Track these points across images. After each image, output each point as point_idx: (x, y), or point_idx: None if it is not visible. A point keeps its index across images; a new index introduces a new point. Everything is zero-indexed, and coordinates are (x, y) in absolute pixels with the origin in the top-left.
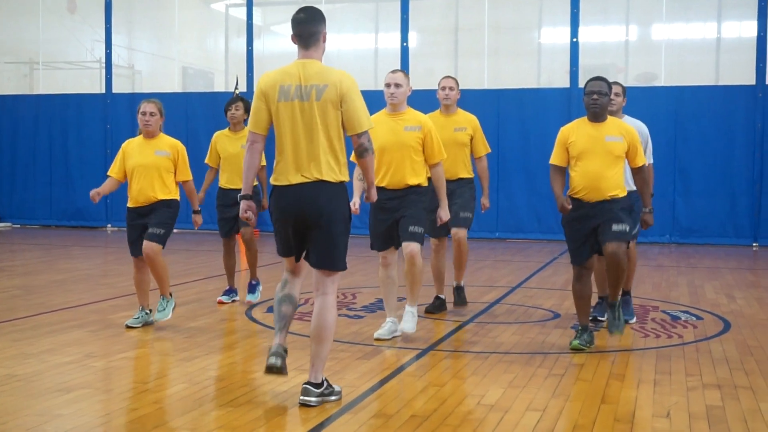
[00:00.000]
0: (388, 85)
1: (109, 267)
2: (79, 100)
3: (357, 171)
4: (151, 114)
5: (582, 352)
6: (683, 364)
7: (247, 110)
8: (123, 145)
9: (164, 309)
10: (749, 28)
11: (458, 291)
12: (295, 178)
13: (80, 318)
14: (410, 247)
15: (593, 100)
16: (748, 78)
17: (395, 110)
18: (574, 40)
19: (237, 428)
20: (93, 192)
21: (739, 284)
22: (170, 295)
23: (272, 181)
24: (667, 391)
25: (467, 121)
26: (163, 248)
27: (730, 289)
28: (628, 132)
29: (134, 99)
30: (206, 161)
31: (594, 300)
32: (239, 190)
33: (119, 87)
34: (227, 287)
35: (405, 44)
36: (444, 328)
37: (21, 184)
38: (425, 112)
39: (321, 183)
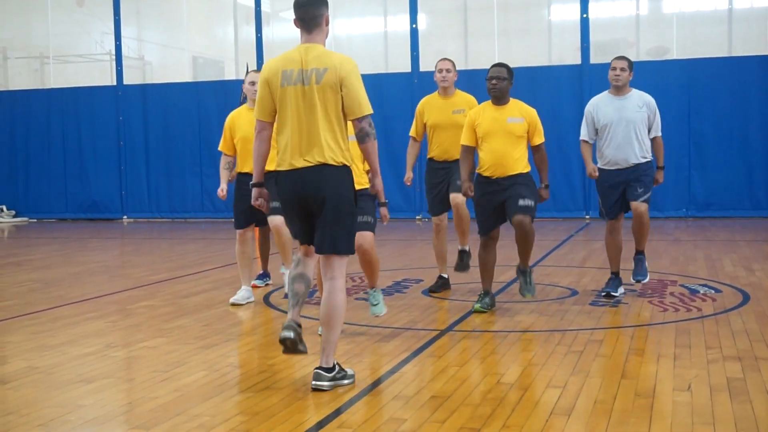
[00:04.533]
0: None
1: (126, 258)
2: (90, 92)
3: (223, 160)
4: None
5: (483, 313)
6: (703, 337)
7: None
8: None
9: (378, 303)
10: None
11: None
12: (298, 162)
13: (99, 309)
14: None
15: (492, 85)
16: (762, 48)
17: None
18: (584, 16)
19: (257, 414)
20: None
21: (756, 256)
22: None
23: (275, 166)
24: (688, 364)
25: (465, 102)
26: None
27: (748, 261)
28: (529, 114)
29: (145, 90)
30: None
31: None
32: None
33: (130, 78)
34: (260, 272)
35: (414, 26)
36: (461, 308)
37: (36, 179)
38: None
39: (323, 166)
